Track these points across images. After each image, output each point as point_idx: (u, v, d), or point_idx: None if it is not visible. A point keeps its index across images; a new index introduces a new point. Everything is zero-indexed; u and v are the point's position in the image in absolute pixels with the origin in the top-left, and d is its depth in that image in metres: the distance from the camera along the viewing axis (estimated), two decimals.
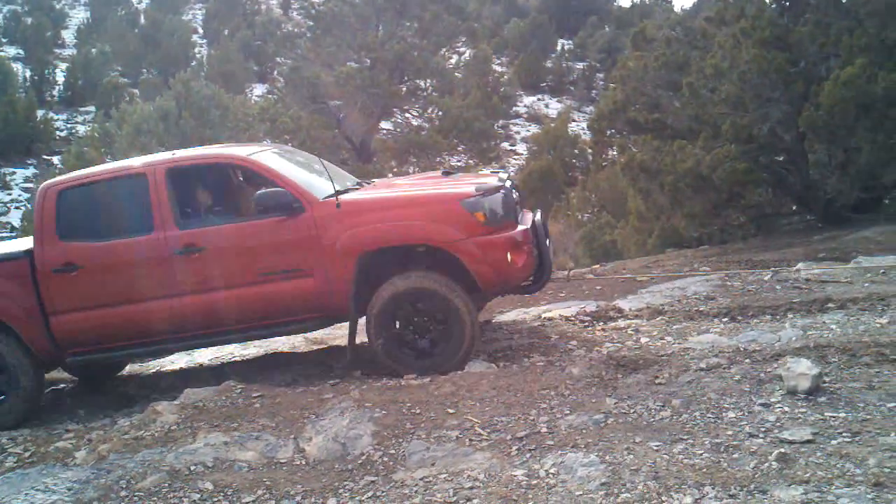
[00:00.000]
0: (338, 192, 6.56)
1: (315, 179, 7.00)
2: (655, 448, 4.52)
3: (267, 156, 7.11)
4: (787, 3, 18.11)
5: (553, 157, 28.73)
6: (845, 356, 5.48)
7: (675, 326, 6.98)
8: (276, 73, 42.34)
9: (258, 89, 44.71)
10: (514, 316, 8.19)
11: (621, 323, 7.35)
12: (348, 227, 6.42)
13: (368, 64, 28.56)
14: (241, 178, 7.54)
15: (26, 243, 7.19)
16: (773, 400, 4.95)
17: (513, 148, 39.81)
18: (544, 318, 7.88)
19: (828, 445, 4.30)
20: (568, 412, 5.17)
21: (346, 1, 29.89)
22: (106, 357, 7.12)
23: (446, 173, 7.66)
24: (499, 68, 47.68)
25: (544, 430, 4.98)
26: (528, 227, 6.70)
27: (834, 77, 14.76)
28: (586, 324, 7.40)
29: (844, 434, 4.41)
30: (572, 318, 7.66)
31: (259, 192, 6.55)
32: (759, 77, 15.70)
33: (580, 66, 55.18)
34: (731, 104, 16.12)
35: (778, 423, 4.64)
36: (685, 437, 4.62)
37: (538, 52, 53.59)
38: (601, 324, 7.40)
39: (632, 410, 5.09)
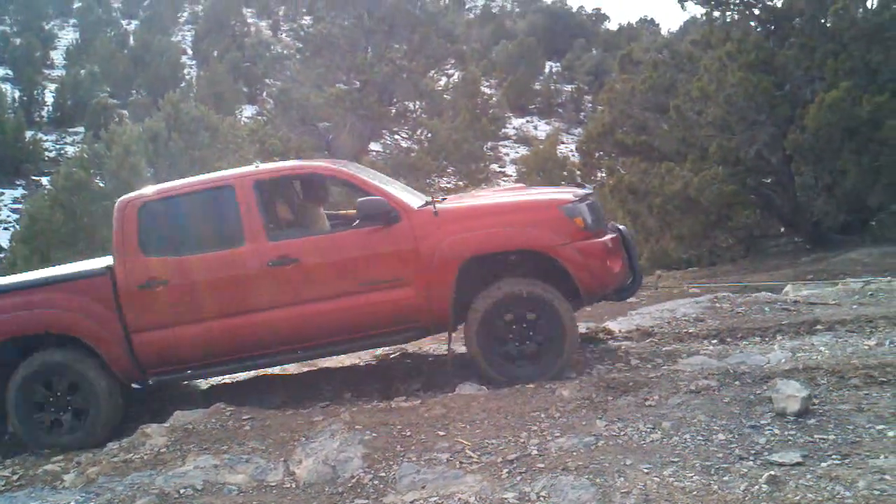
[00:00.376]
0: (433, 201, 6.58)
1: (400, 191, 7.00)
2: (646, 471, 4.52)
3: (354, 168, 7.12)
4: (773, 27, 18.33)
5: (542, 179, 28.83)
6: (834, 378, 5.50)
7: (664, 348, 7.00)
8: (265, 94, 42.47)
9: (248, 110, 44.81)
10: None
11: (612, 345, 7.37)
12: (448, 234, 6.35)
13: (358, 86, 28.64)
14: (306, 192, 7.53)
15: (105, 260, 7.01)
16: (762, 422, 4.96)
17: (502, 170, 40.00)
18: None
19: (817, 468, 4.31)
20: (558, 434, 5.17)
21: (335, 23, 30.05)
22: (192, 375, 6.98)
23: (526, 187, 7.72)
24: (487, 90, 47.82)
25: (535, 452, 4.97)
26: (617, 234, 6.76)
27: (819, 100, 14.93)
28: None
29: (834, 456, 4.42)
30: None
31: (360, 199, 6.45)
32: (745, 100, 15.86)
33: (568, 88, 55.60)
34: (718, 127, 16.29)
35: (768, 446, 4.65)
36: (675, 459, 4.63)
37: (527, 74, 53.97)
38: (592, 346, 7.41)
39: (622, 433, 5.09)
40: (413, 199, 6.83)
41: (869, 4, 16.33)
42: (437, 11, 32.85)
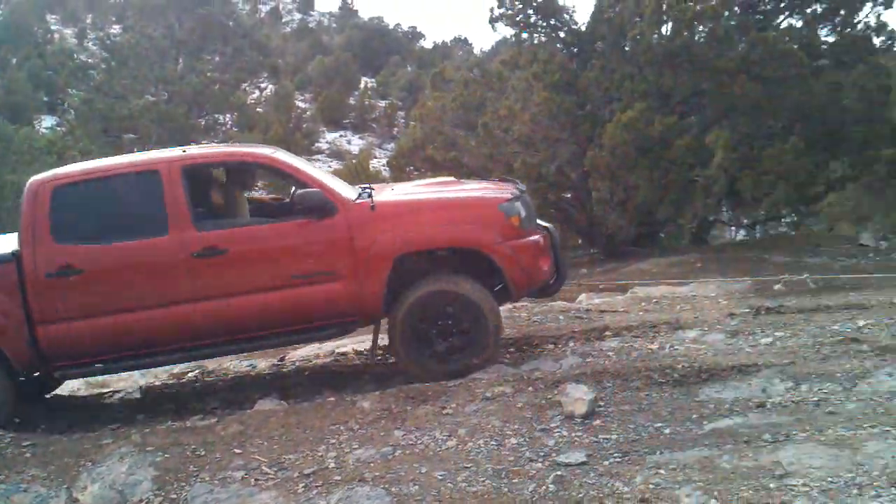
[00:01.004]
0: (370, 194, 6.41)
1: (335, 181, 6.78)
2: (440, 477, 4.58)
3: (286, 155, 6.87)
4: (577, 50, 19.21)
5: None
6: (619, 381, 5.75)
7: None
8: (66, 104, 40.38)
9: (47, 121, 42.32)
10: (307, 352, 8.13)
11: None
12: (386, 229, 6.24)
13: (166, 97, 27.79)
14: (232, 179, 7.15)
15: (9, 244, 6.37)
16: (552, 425, 5.13)
17: None
18: (338, 353, 7.85)
19: (600, 466, 4.50)
20: (357, 446, 5.16)
21: (144, 33, 29.06)
22: (104, 370, 6.50)
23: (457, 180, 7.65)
24: (302, 104, 47.60)
25: (332, 465, 4.94)
26: (546, 233, 6.77)
27: (616, 120, 15.75)
28: (379, 357, 7.42)
29: (615, 454, 4.63)
30: (365, 352, 7.67)
31: (298, 191, 6.26)
32: (548, 119, 16.52)
33: (382, 103, 55.94)
34: (523, 144, 16.88)
35: (556, 448, 4.81)
36: (469, 465, 4.71)
37: (342, 89, 53.87)
38: (392, 358, 7.44)
39: (419, 441, 5.14)
40: (347, 189, 6.68)
41: (664, 31, 17.36)
42: (252, 24, 32.40)
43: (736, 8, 18.19)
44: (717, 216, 18.96)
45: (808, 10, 18.35)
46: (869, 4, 17.99)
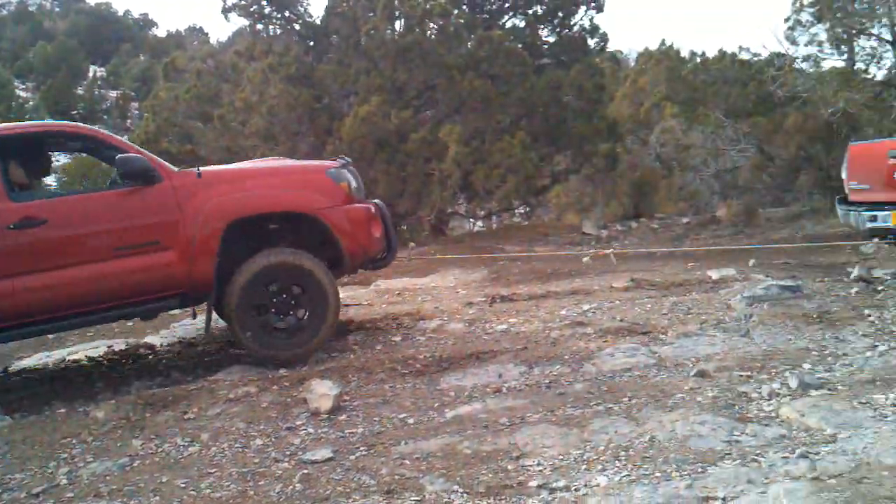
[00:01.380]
0: (196, 163, 6.02)
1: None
2: (182, 485, 4.44)
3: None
4: (312, 43, 19.19)
5: (88, 186, 27.25)
6: (364, 374, 5.87)
7: (206, 359, 6.97)
8: None
9: None
10: (35, 361, 7.60)
11: (151, 360, 7.17)
12: (214, 195, 6.10)
13: None
14: (35, 156, 6.69)
15: None
16: (298, 423, 5.13)
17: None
18: (69, 360, 7.40)
19: (346, 461, 4.53)
20: (91, 459, 4.89)
21: None
22: None
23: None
24: (23, 94, 44.29)
25: (65, 482, 4.65)
26: (375, 205, 6.77)
27: (354, 113, 15.92)
28: (114, 363, 7.09)
29: (361, 448, 4.69)
30: (99, 358, 7.29)
31: (119, 156, 5.92)
32: (286, 111, 16.41)
33: (114, 94, 53.34)
34: (262, 137, 16.64)
35: (302, 446, 4.80)
36: (213, 470, 4.59)
37: (68, 77, 50.74)
38: (130, 361, 7.14)
39: (159, 449, 4.96)
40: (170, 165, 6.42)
41: (397, 26, 17.72)
42: None
43: (464, 6, 18.96)
44: (454, 208, 19.67)
45: (530, 12, 19.53)
46: (583, 8, 19.43)
